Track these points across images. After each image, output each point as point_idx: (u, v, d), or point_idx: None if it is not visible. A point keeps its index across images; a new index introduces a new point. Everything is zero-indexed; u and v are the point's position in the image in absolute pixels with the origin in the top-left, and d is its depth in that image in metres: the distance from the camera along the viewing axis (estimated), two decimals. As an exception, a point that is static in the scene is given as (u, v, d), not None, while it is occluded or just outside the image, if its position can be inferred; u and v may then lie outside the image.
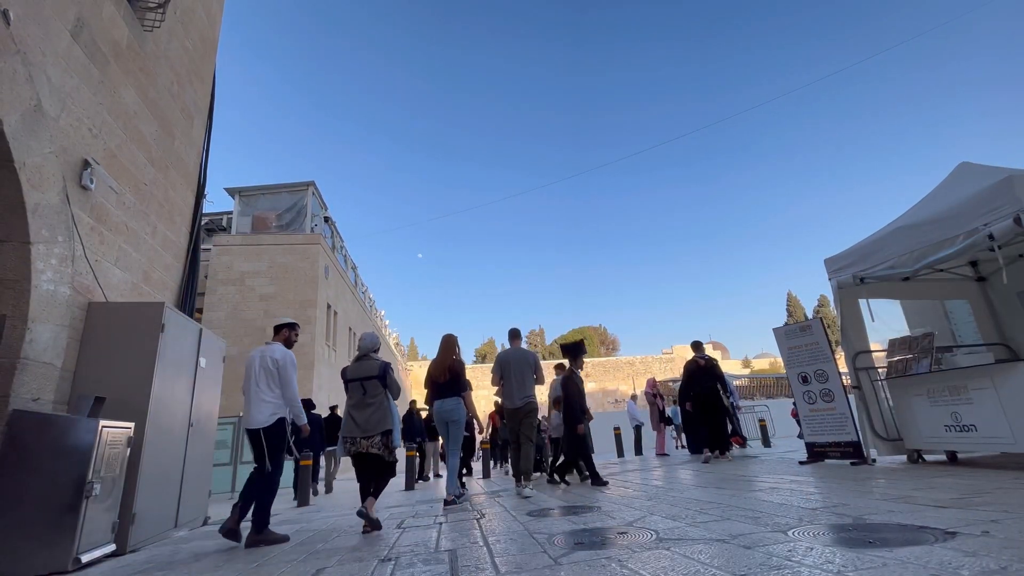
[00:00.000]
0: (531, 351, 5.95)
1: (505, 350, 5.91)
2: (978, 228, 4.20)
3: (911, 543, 2.13)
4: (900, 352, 5.51)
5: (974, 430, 4.55)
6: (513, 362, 5.66)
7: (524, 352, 5.78)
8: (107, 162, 4.86)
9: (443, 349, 5.38)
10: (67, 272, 4.19)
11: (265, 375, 4.15)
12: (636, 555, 2.38)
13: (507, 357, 5.73)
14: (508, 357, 5.73)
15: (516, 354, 5.73)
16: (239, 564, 3.24)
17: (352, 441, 4.10)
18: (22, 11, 3.71)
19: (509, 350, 5.84)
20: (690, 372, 7.72)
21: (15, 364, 3.66)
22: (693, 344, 8.06)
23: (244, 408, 4.16)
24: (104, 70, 4.81)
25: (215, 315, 14.35)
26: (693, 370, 7.67)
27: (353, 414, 4.16)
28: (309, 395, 13.69)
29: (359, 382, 4.21)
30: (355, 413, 4.16)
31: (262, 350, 4.28)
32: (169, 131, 6.19)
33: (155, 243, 5.79)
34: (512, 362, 5.66)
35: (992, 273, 6.01)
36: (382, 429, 4.06)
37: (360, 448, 4.06)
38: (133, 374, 4.43)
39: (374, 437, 4.05)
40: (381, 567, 2.71)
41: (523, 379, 5.61)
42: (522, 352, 5.77)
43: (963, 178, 5.08)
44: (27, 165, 3.75)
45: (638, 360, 52.46)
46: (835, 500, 3.39)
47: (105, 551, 3.80)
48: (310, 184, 16.97)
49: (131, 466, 4.16)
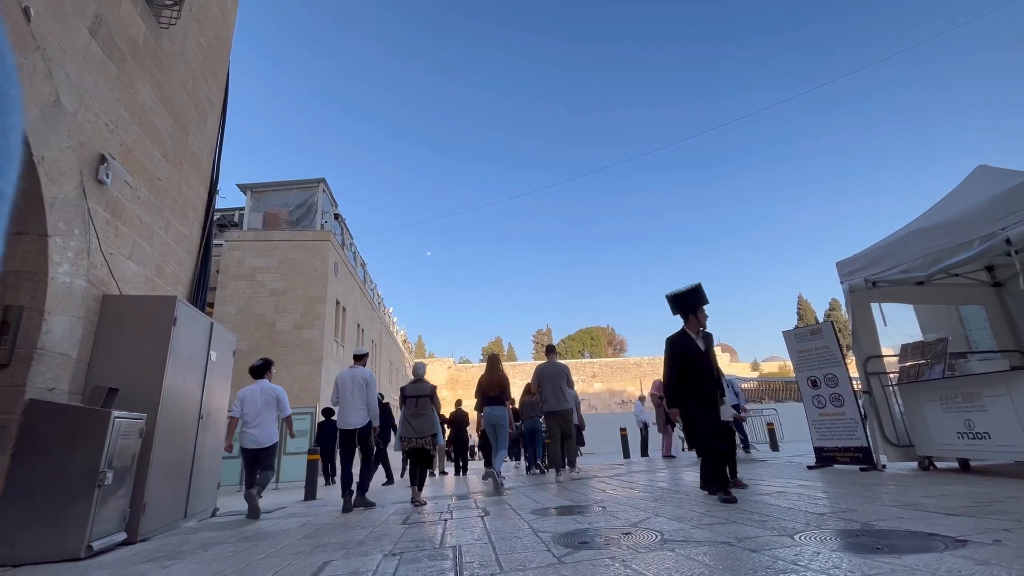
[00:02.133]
0: (563, 364, 7.12)
1: (543, 363, 7.11)
2: (995, 232, 4.13)
3: (920, 550, 2.10)
4: (913, 357, 5.43)
5: (988, 438, 4.47)
6: (550, 373, 6.85)
7: (558, 365, 7.01)
8: (123, 157, 4.94)
9: (491, 366, 6.54)
10: (83, 265, 4.27)
11: (358, 390, 5.44)
12: (640, 556, 2.38)
13: (545, 369, 6.96)
14: (546, 369, 6.95)
15: (552, 367, 6.95)
16: (247, 555, 3.28)
17: (409, 440, 5.42)
18: (42, 8, 3.78)
19: (546, 363, 7.03)
20: None
21: (32, 354, 3.74)
22: None
23: (339, 414, 5.47)
24: (121, 66, 4.88)
25: (226, 310, 14.51)
26: None
27: (410, 421, 5.45)
28: (317, 391, 13.82)
29: (415, 398, 5.50)
30: (412, 420, 5.45)
31: (351, 372, 5.58)
32: (183, 127, 6.27)
33: (168, 238, 5.87)
34: (549, 373, 6.86)
35: (1009, 278, 5.90)
36: (430, 433, 5.43)
37: (415, 445, 5.40)
38: (146, 366, 4.51)
39: (425, 437, 5.41)
40: (386, 561, 2.73)
41: (560, 387, 6.80)
42: (557, 365, 7.00)
43: (980, 181, 5.00)
44: (45, 159, 3.82)
45: (646, 361, 52.16)
46: (843, 505, 3.35)
47: (116, 540, 3.87)
48: (321, 181, 17.10)
49: (142, 457, 4.23)
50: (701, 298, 4.48)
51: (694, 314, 4.43)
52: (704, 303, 4.49)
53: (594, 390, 49.37)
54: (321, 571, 2.66)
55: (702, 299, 4.49)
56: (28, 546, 3.41)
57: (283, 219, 16.32)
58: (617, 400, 48.28)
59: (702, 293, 4.50)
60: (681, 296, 4.50)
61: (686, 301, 4.47)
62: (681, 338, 4.44)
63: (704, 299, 4.49)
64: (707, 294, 4.51)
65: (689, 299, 4.46)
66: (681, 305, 4.50)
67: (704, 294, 4.51)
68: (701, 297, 4.49)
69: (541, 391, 6.90)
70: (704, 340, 4.40)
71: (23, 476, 3.51)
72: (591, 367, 52.18)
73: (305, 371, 14.17)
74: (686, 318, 4.46)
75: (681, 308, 4.50)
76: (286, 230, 16.05)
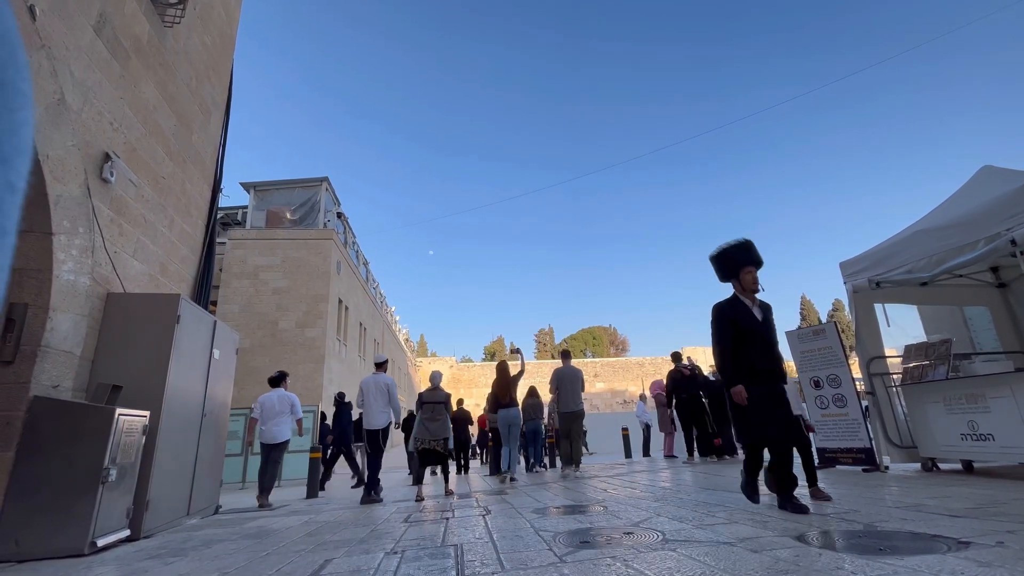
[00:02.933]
0: (578, 368, 7.68)
1: (560, 367, 7.60)
2: (1000, 233, 4.10)
3: (923, 551, 2.09)
4: (916, 358, 5.40)
5: (991, 439, 4.45)
6: (568, 377, 7.38)
7: (574, 369, 7.54)
8: (127, 155, 4.96)
9: (501, 374, 7.33)
10: (87, 263, 4.29)
11: (380, 394, 6.10)
12: (641, 555, 2.38)
13: (562, 373, 7.45)
14: (563, 373, 7.45)
15: (569, 371, 7.46)
16: (249, 553, 3.30)
17: (424, 441, 5.88)
18: (47, 6, 3.80)
19: (563, 367, 7.53)
20: (675, 381, 8.38)
21: (36, 352, 3.76)
22: (673, 355, 8.82)
23: (364, 416, 6.10)
24: (125, 65, 4.90)
25: (229, 308, 14.56)
26: (678, 379, 8.35)
27: (426, 424, 5.96)
28: (319, 389, 13.86)
29: (432, 404, 6.03)
30: (428, 424, 5.95)
31: (374, 378, 6.20)
32: (187, 125, 6.28)
33: (172, 236, 5.89)
34: (568, 376, 7.39)
35: (1014, 279, 5.87)
36: (443, 436, 5.95)
37: (427, 446, 5.88)
38: (149, 364, 4.52)
39: (438, 440, 5.90)
40: (387, 560, 2.74)
41: (575, 390, 7.34)
42: (573, 369, 7.52)
43: (985, 182, 4.97)
44: (50, 157, 3.84)
45: (648, 361, 52.13)
46: (846, 506, 3.34)
47: (120, 536, 3.89)
48: (324, 180, 17.12)
49: (146, 453, 4.25)
50: (751, 255, 3.61)
51: (736, 277, 3.64)
52: (754, 263, 3.62)
53: (596, 390, 49.33)
54: (323, 569, 2.66)
55: (752, 257, 3.61)
56: (33, 542, 3.43)
57: (286, 218, 16.36)
58: (619, 400, 48.24)
59: (752, 249, 3.64)
60: (726, 253, 3.67)
61: (731, 258, 3.64)
62: (732, 305, 3.59)
63: (754, 258, 3.62)
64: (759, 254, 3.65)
65: (736, 255, 3.63)
66: (725, 264, 3.68)
67: (755, 251, 3.64)
68: (751, 254, 3.62)
69: (559, 393, 7.38)
70: (762, 310, 3.60)
71: (28, 473, 3.54)
72: (593, 367, 52.15)
73: (307, 369, 14.21)
74: (735, 280, 3.68)
75: (725, 268, 3.69)
76: (289, 228, 16.09)
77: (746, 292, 3.60)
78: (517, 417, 7.28)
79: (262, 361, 14.00)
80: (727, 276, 3.71)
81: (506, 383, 7.30)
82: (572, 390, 7.35)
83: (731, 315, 3.56)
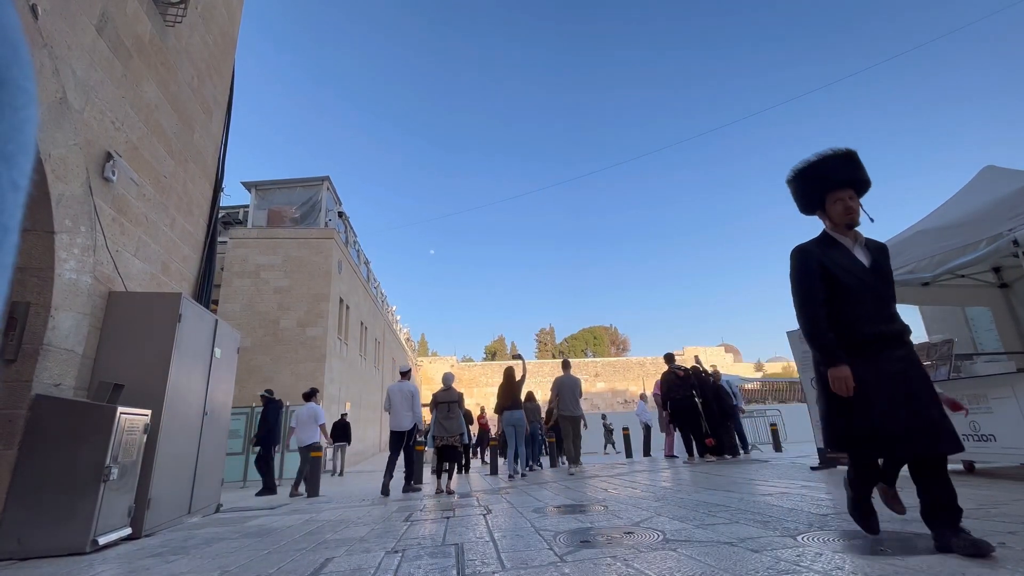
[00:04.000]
0: (577, 377, 8.49)
1: (561, 376, 8.33)
2: (1002, 233, 4.10)
3: (924, 552, 2.09)
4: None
5: (993, 440, 4.44)
6: (568, 385, 8.18)
7: (574, 378, 8.35)
8: (128, 154, 4.96)
9: (507, 378, 8.05)
10: (89, 262, 4.29)
11: (405, 400, 6.75)
12: (642, 555, 2.38)
13: (563, 381, 8.22)
14: (563, 381, 8.22)
15: (568, 379, 8.27)
16: (250, 551, 3.30)
17: (441, 439, 6.46)
18: (50, 5, 3.80)
19: (563, 376, 8.28)
20: (668, 383, 8.57)
21: (38, 350, 3.77)
22: (666, 356, 8.98)
23: (392, 419, 6.73)
24: (127, 64, 4.91)
25: (230, 307, 14.58)
26: (671, 381, 8.53)
27: (442, 422, 6.52)
28: (320, 388, 13.86)
29: (446, 404, 6.60)
30: (444, 422, 6.51)
31: (399, 385, 6.89)
32: (189, 125, 6.29)
33: (174, 235, 5.90)
34: (568, 385, 8.19)
35: (1016, 280, 5.86)
36: (459, 432, 6.53)
37: (446, 442, 6.45)
38: (151, 362, 4.53)
39: (455, 436, 6.49)
40: (388, 558, 2.74)
41: (574, 397, 8.14)
42: (572, 378, 8.34)
43: (988, 182, 4.95)
44: (52, 156, 3.85)
45: (649, 361, 52.04)
46: (846, 506, 3.33)
47: (121, 534, 3.90)
48: (325, 179, 17.14)
49: (147, 452, 4.26)
50: (847, 171, 2.41)
51: (821, 207, 2.50)
52: (850, 183, 2.40)
53: (597, 389, 49.32)
54: (324, 567, 2.67)
55: (848, 175, 2.41)
56: (34, 540, 3.44)
57: (287, 217, 16.38)
58: (620, 400, 48.21)
59: (850, 164, 2.42)
60: (809, 169, 2.50)
61: (817, 175, 2.47)
62: (821, 246, 2.46)
63: (850, 175, 2.40)
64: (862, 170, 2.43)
65: (826, 170, 2.44)
66: (807, 184, 2.52)
67: (855, 166, 2.42)
68: (848, 170, 2.41)
69: (560, 398, 8.14)
70: (868, 251, 2.42)
71: (30, 471, 3.55)
72: (594, 366, 52.12)
73: (308, 368, 14.22)
74: (820, 212, 2.52)
75: (807, 192, 2.53)
76: (290, 228, 16.10)
77: (838, 228, 2.45)
78: (522, 419, 7.96)
79: (263, 360, 14.02)
80: (809, 206, 2.55)
81: (511, 388, 8.04)
82: (572, 396, 8.18)
83: (819, 260, 2.39)
